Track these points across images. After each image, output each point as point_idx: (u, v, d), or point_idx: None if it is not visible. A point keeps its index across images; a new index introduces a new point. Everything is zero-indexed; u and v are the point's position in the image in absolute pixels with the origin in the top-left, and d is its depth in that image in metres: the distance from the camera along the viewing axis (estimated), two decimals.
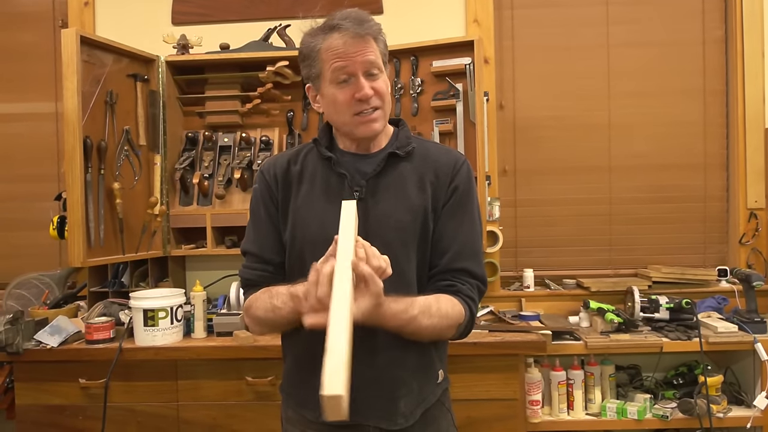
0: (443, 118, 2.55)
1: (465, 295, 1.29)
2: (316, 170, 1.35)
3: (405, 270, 1.28)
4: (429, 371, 1.35)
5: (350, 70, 1.25)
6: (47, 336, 2.22)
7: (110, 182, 2.35)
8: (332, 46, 1.25)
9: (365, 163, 1.33)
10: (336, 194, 1.30)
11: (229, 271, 2.67)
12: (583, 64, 2.86)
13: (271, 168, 1.38)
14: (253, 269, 1.37)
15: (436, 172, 1.33)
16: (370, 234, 1.25)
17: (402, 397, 1.29)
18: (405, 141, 1.36)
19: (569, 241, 2.87)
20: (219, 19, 2.84)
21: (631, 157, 2.86)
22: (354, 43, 1.24)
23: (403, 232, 1.29)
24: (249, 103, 2.61)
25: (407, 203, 1.30)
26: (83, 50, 2.23)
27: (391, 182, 1.32)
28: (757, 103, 2.73)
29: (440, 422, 1.38)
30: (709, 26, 2.84)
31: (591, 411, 2.39)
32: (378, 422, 1.29)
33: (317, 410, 1.26)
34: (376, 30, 1.28)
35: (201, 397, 2.21)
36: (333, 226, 1.21)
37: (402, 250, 1.28)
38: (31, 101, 2.99)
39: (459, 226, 1.32)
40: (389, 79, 1.40)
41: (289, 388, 1.41)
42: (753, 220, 2.74)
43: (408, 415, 1.30)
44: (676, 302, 2.42)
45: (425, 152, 1.37)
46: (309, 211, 1.32)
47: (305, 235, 1.31)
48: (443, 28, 2.74)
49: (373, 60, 1.26)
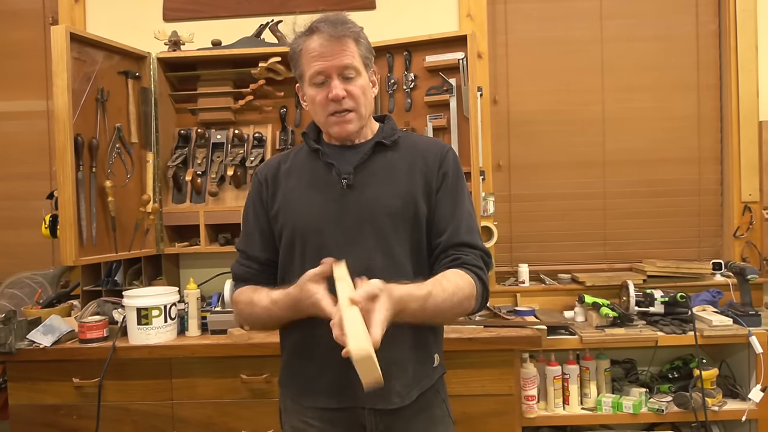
0: (437, 114, 2.54)
1: (471, 264, 1.31)
2: (305, 164, 1.41)
3: (398, 254, 1.32)
4: (423, 353, 1.38)
5: (326, 73, 1.31)
6: (40, 335, 2.21)
7: (102, 180, 2.34)
8: (310, 48, 1.31)
9: (352, 153, 1.38)
10: (324, 183, 1.35)
11: (223, 268, 2.66)
12: (577, 59, 2.86)
13: (263, 169, 1.45)
14: (241, 265, 1.45)
15: (425, 159, 1.38)
16: (362, 220, 1.30)
17: (396, 377, 1.31)
18: (390, 132, 1.41)
19: (564, 235, 2.87)
20: (210, 15, 2.82)
21: (626, 152, 2.86)
22: (330, 45, 1.29)
23: (394, 217, 1.32)
24: (242, 100, 2.60)
25: (396, 189, 1.34)
26: (73, 47, 2.21)
27: (379, 169, 1.36)
28: (751, 97, 2.73)
29: (434, 410, 1.40)
30: (703, 20, 2.84)
31: (586, 405, 2.39)
32: (374, 403, 1.31)
33: (314, 397, 1.35)
34: (355, 32, 1.32)
35: (196, 395, 2.20)
36: (321, 214, 1.31)
37: (394, 235, 1.32)
38: (23, 99, 2.97)
39: (454, 207, 1.36)
40: (381, 75, 1.44)
41: (286, 379, 1.44)
42: (747, 213, 2.74)
43: (404, 395, 1.32)
44: (671, 296, 2.42)
45: (412, 142, 1.42)
46: (297, 201, 1.37)
47: (295, 224, 1.35)
48: (436, 23, 2.73)
49: (348, 63, 1.31)
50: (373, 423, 1.32)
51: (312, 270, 1.20)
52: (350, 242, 1.30)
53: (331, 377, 1.32)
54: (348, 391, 1.29)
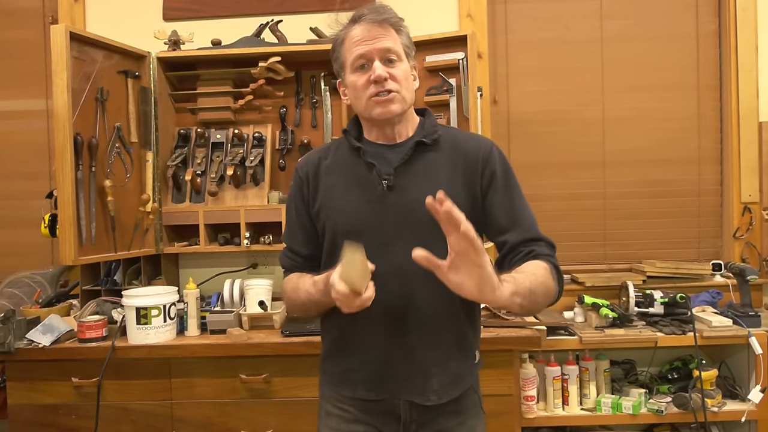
0: (437, 114, 2.52)
1: (544, 254, 1.32)
2: (345, 162, 1.40)
3: (437, 257, 1.27)
4: (466, 351, 1.40)
5: (368, 56, 1.32)
6: (39, 335, 2.21)
7: (101, 180, 2.33)
8: (353, 35, 1.33)
9: (393, 152, 1.37)
10: (364, 183, 1.36)
11: (223, 268, 2.66)
12: (577, 59, 2.86)
13: (304, 166, 1.45)
14: (287, 257, 1.49)
15: (466, 159, 1.37)
16: (401, 223, 1.31)
17: (436, 375, 1.34)
18: (431, 129, 1.40)
19: (564, 236, 2.86)
20: (210, 15, 2.82)
21: (626, 152, 2.85)
22: (372, 29, 1.32)
23: (433, 219, 1.26)
24: (241, 100, 2.59)
25: (436, 191, 1.28)
26: (73, 47, 2.21)
27: (421, 171, 1.35)
28: (751, 97, 2.73)
29: (466, 402, 1.41)
30: (703, 20, 2.84)
31: (586, 406, 2.39)
32: (410, 397, 1.34)
33: (352, 388, 1.38)
34: (396, 20, 1.35)
35: (195, 395, 2.20)
36: (362, 215, 1.33)
37: (434, 239, 1.25)
38: (22, 98, 2.97)
39: (511, 203, 1.38)
40: (416, 70, 1.46)
41: (327, 366, 1.47)
42: (747, 214, 2.74)
43: (441, 393, 1.35)
44: (671, 297, 2.42)
45: (453, 140, 1.41)
46: (339, 201, 1.37)
47: (337, 223, 1.37)
48: (436, 23, 2.73)
49: (390, 47, 1.32)
50: (407, 413, 1.35)
51: None
52: (389, 244, 1.31)
53: (371, 370, 1.34)
54: (387, 384, 1.33)
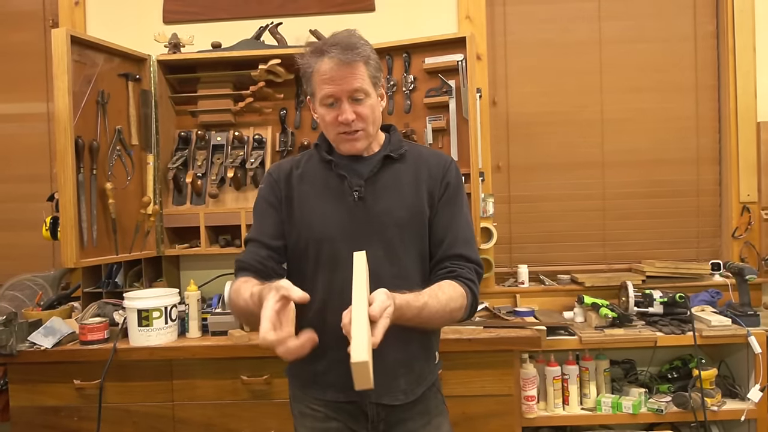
0: (436, 115, 2.55)
1: (464, 277, 1.38)
2: (317, 173, 1.45)
3: (405, 263, 1.39)
4: (428, 352, 1.48)
5: (336, 96, 1.35)
6: (41, 337, 2.22)
7: (102, 182, 2.34)
8: (321, 70, 1.34)
9: (362, 165, 1.43)
10: (336, 193, 1.41)
11: (224, 270, 2.67)
12: (576, 60, 2.86)
13: (277, 170, 1.50)
14: (246, 253, 1.44)
15: (429, 171, 1.44)
16: (372, 231, 1.37)
17: (402, 376, 1.41)
18: (397, 144, 1.47)
19: (563, 236, 2.88)
20: (210, 18, 2.82)
21: (625, 153, 2.86)
22: (340, 69, 1.33)
23: (402, 228, 1.39)
24: (242, 102, 2.60)
25: (404, 201, 1.40)
26: (74, 50, 2.22)
27: (389, 182, 1.42)
28: (749, 98, 2.74)
29: (430, 401, 1.48)
30: (701, 21, 2.85)
31: (586, 406, 2.40)
32: (379, 398, 1.39)
33: (322, 390, 1.42)
34: (365, 55, 1.36)
35: (196, 397, 2.21)
36: (334, 224, 1.37)
37: (401, 245, 1.39)
38: (23, 101, 2.98)
39: (452, 217, 1.43)
40: (384, 88, 1.50)
41: (295, 370, 1.50)
42: (746, 213, 2.75)
43: (408, 392, 1.42)
44: (670, 296, 2.43)
45: (417, 154, 1.48)
46: (311, 211, 1.41)
47: (309, 234, 1.40)
48: (435, 25, 2.74)
49: (358, 87, 1.34)
50: (374, 412, 1.41)
51: (296, 294, 1.12)
52: (361, 250, 1.33)
53: (340, 373, 1.34)
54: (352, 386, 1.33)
